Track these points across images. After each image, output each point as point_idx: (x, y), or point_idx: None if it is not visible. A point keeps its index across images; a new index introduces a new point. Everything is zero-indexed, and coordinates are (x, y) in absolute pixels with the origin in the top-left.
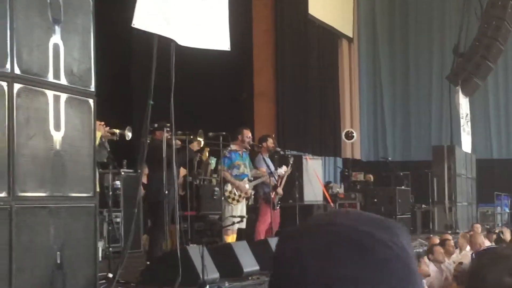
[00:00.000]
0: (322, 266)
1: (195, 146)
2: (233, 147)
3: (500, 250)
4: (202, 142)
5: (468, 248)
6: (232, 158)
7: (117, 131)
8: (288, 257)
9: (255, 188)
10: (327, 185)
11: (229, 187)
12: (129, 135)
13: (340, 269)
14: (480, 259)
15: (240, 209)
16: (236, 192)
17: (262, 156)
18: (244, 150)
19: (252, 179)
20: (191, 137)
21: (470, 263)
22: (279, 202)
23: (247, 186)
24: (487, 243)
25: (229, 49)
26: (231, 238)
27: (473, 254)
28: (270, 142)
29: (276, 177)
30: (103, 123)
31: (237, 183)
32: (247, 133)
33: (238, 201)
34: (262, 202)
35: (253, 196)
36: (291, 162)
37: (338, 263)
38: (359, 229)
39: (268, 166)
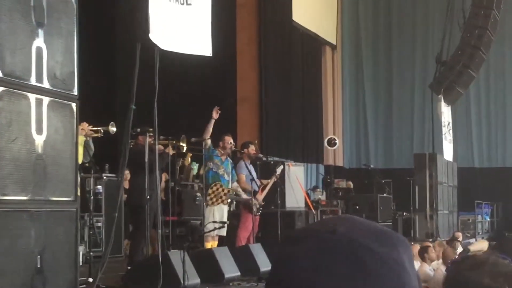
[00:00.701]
0: (312, 275)
1: (170, 150)
2: (216, 152)
3: (477, 256)
4: (185, 147)
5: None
6: (225, 164)
7: (101, 128)
8: (282, 261)
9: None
10: (314, 190)
11: (214, 187)
12: (113, 130)
13: (330, 280)
14: (459, 266)
15: (221, 214)
16: (217, 194)
17: (244, 163)
18: (227, 156)
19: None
20: (174, 142)
21: (447, 271)
22: (260, 209)
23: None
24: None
25: (211, 55)
26: (211, 244)
27: (449, 263)
28: (252, 148)
29: (258, 184)
30: (85, 124)
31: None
32: (229, 139)
33: (213, 203)
34: (243, 208)
35: (234, 202)
36: (277, 173)
37: (329, 273)
38: (359, 241)
39: (250, 173)
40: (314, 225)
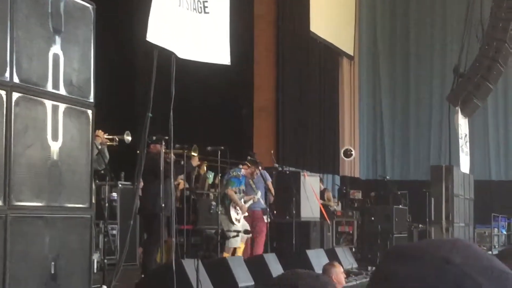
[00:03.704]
0: None
1: (195, 161)
2: (243, 171)
3: None
4: (197, 157)
5: None
6: (241, 182)
7: (116, 137)
8: (384, 276)
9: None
10: (323, 191)
11: (232, 211)
12: (128, 139)
13: None
14: None
15: (242, 224)
16: (237, 214)
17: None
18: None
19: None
20: (187, 151)
21: None
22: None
23: (245, 205)
24: None
25: (229, 63)
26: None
27: None
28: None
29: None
30: (100, 131)
31: (241, 203)
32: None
33: (239, 221)
34: (259, 219)
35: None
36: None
37: None
38: (472, 277)
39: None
40: (426, 247)
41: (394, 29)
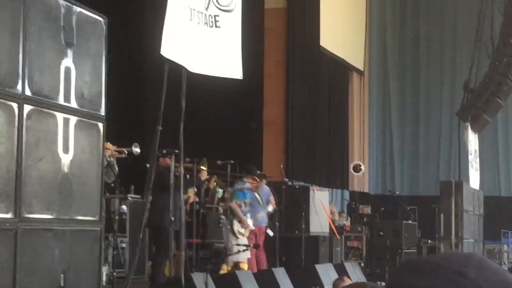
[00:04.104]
0: None
1: (204, 175)
2: (247, 185)
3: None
4: (205, 171)
5: None
6: (246, 195)
7: (125, 149)
8: None
9: None
10: (339, 214)
11: (235, 225)
12: (137, 151)
13: None
14: None
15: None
16: (240, 229)
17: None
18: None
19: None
20: (196, 165)
21: None
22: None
23: (250, 223)
24: None
25: (241, 78)
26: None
27: None
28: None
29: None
30: (109, 144)
31: (243, 218)
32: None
33: (243, 235)
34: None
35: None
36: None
37: None
38: None
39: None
40: (441, 260)
41: (404, 45)
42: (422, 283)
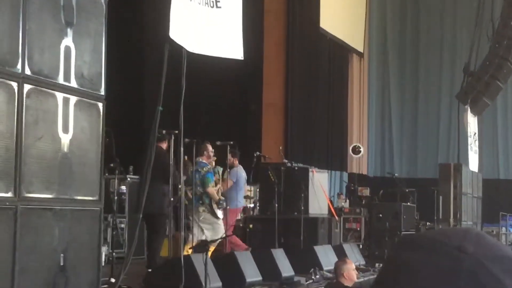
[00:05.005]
0: (429, 287)
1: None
2: (204, 159)
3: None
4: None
5: None
6: (213, 173)
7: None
8: (399, 265)
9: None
10: (338, 196)
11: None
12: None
13: None
14: None
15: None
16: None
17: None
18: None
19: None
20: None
21: None
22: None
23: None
24: None
25: (242, 58)
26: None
27: None
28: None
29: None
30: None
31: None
32: (210, 148)
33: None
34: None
35: None
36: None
37: None
38: (485, 265)
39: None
40: (439, 235)
41: (404, 27)
42: (421, 258)
